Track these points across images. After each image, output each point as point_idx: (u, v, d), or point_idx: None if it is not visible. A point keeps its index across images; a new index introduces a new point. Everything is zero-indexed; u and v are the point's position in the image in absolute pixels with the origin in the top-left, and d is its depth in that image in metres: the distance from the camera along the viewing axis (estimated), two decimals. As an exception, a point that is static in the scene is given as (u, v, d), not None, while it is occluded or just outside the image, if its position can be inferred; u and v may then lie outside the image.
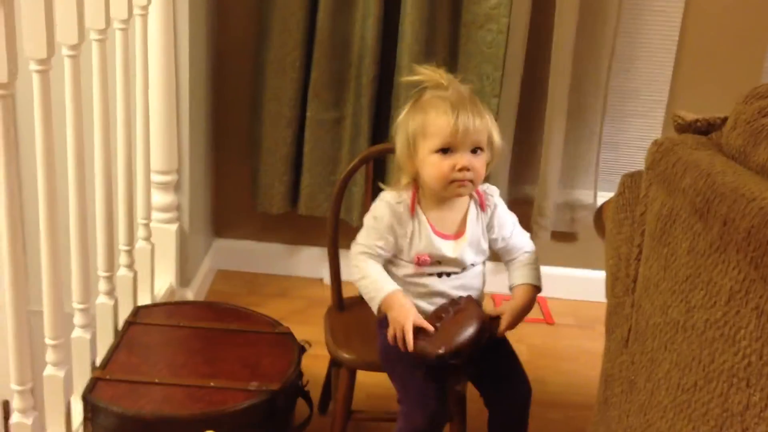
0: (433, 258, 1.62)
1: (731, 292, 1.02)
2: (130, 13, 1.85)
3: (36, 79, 1.46)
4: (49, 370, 1.64)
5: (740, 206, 1.01)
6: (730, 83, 2.44)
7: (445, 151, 1.55)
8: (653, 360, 1.22)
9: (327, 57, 2.41)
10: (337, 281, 1.88)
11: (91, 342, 1.77)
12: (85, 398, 1.61)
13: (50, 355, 1.63)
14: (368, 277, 1.62)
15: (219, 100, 2.58)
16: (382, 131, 2.47)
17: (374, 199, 1.68)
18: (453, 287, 1.64)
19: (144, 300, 2.11)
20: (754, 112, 1.16)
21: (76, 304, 1.74)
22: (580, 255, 2.69)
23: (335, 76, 2.44)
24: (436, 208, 1.63)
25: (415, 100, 1.62)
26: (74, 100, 1.61)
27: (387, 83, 2.45)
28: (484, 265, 1.70)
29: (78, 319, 1.75)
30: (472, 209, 1.65)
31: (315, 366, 1.96)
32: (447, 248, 1.62)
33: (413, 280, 1.64)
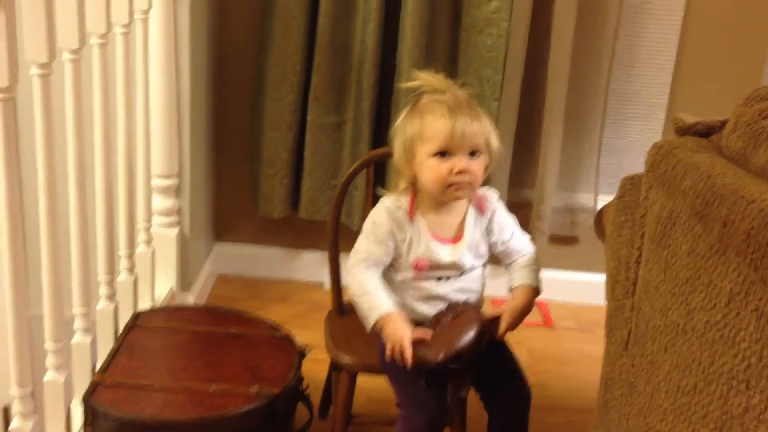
0: (432, 263, 1.61)
1: (731, 294, 1.02)
2: (131, 18, 1.85)
3: (37, 84, 1.47)
4: (50, 375, 1.64)
5: (740, 208, 1.00)
6: (731, 86, 2.44)
7: (443, 154, 1.55)
8: (653, 363, 1.22)
9: (328, 61, 2.41)
10: (337, 285, 1.88)
11: (91, 346, 1.77)
12: (85, 402, 1.61)
13: (50, 360, 1.63)
14: (366, 294, 1.59)
15: (220, 104, 2.58)
16: (382, 135, 2.46)
17: (375, 203, 1.68)
18: (452, 290, 1.64)
19: (144, 304, 2.11)
20: (755, 114, 1.16)
21: (77, 309, 1.74)
22: (581, 258, 2.69)
23: (336, 80, 2.44)
24: (435, 212, 1.63)
25: (412, 105, 1.61)
26: (75, 104, 1.62)
27: (388, 87, 2.45)
28: (484, 268, 1.69)
29: (78, 323, 1.75)
30: (470, 213, 1.65)
31: (315, 370, 1.96)
32: (445, 253, 1.61)
33: (412, 284, 1.63)
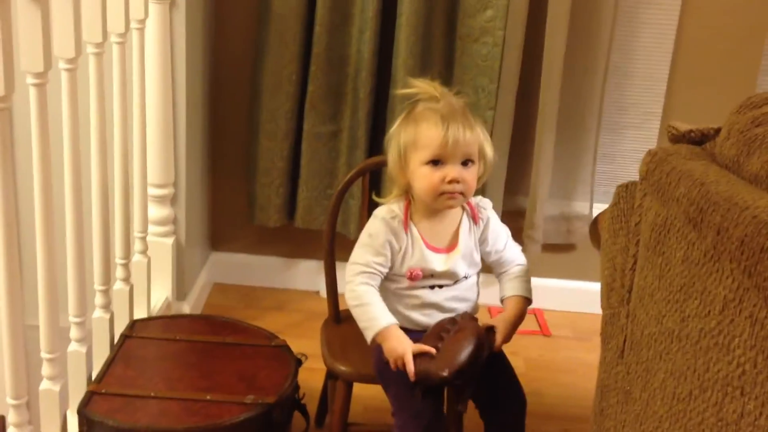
0: (426, 272, 1.61)
1: (725, 301, 1.02)
2: (127, 27, 1.85)
3: (33, 93, 1.47)
4: (45, 384, 1.64)
5: (733, 215, 1.01)
6: (724, 94, 2.45)
7: (436, 163, 1.55)
8: (648, 370, 1.22)
9: (324, 70, 2.41)
10: (333, 294, 1.88)
11: (87, 356, 1.77)
12: (80, 412, 1.60)
13: (46, 369, 1.63)
14: (364, 306, 1.59)
15: (215, 113, 2.58)
16: (378, 144, 2.46)
17: (371, 211, 1.68)
18: (446, 299, 1.64)
19: (140, 313, 2.10)
20: (748, 122, 1.17)
21: (72, 318, 1.74)
22: (577, 266, 2.69)
23: (332, 89, 2.44)
24: (429, 220, 1.63)
25: (407, 113, 1.62)
26: (71, 113, 1.62)
27: (384, 96, 2.45)
28: (478, 276, 1.70)
29: (74, 332, 1.75)
30: (464, 222, 1.65)
31: (311, 379, 1.96)
32: (439, 262, 1.62)
33: (406, 293, 1.63)
